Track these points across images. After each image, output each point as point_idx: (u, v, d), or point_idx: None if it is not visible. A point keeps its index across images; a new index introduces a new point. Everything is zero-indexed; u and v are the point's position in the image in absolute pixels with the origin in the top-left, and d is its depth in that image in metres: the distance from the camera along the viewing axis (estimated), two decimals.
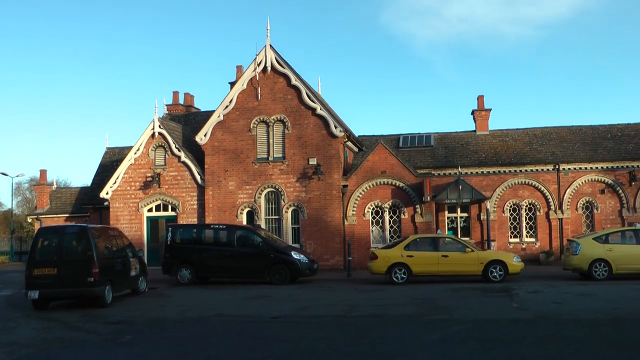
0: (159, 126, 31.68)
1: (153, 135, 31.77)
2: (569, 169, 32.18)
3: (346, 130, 31.44)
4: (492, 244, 30.84)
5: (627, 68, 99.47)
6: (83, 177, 79.91)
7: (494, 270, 22.50)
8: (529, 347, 10.76)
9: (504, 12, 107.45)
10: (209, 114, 33.19)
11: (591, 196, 32.19)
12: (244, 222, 30.44)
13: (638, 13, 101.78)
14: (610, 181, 31.99)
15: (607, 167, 32.07)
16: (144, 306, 18.14)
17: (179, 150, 31.46)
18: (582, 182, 32.16)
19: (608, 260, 22.47)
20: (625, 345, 10.88)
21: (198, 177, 31.35)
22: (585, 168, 32.16)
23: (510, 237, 32.47)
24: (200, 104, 43.49)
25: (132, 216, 31.83)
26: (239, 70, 36.72)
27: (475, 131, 35.87)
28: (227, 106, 31.13)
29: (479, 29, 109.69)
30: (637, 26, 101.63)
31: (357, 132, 37.37)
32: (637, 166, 31.88)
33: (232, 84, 34.21)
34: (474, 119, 36.12)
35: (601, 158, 32.28)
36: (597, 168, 32.10)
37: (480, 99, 36.04)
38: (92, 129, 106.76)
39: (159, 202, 31.88)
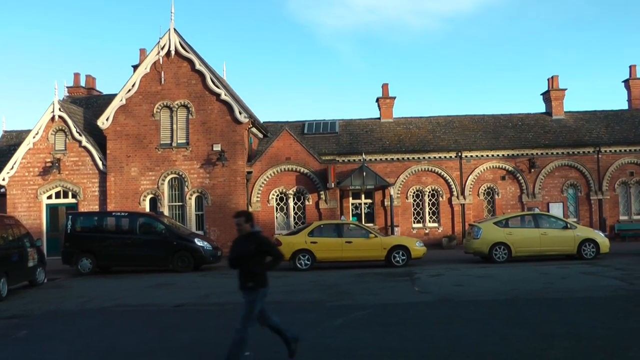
0: (59, 109, 30.60)
1: (53, 118, 30.65)
2: (471, 156, 32.87)
3: (251, 116, 31.24)
4: (396, 229, 31.21)
5: (526, 61, 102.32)
6: None
7: (397, 255, 22.81)
8: (430, 329, 10.89)
9: (409, 3, 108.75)
10: (111, 98, 32.21)
11: (492, 182, 33.00)
12: (147, 210, 29.85)
13: (535, 10, 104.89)
14: (510, 168, 32.88)
15: (507, 154, 32.95)
16: (42, 298, 17.50)
17: (80, 135, 30.51)
18: (484, 169, 32.93)
19: (508, 244, 23.23)
20: (521, 323, 11.17)
21: (100, 163, 30.51)
22: (487, 155, 32.93)
23: (414, 222, 32.98)
24: (103, 87, 42.60)
25: (31, 204, 30.73)
26: (143, 53, 35.96)
27: (379, 118, 36.25)
28: (129, 90, 30.41)
29: (385, 19, 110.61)
30: (535, 22, 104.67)
31: (262, 118, 37.26)
32: (537, 154, 32.93)
33: (135, 67, 33.44)
34: (378, 106, 36.48)
35: (502, 146, 33.13)
36: (498, 155, 32.93)
37: (384, 87, 36.41)
38: None
39: (59, 188, 30.83)
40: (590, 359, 8.53)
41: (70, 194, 30.74)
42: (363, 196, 32.85)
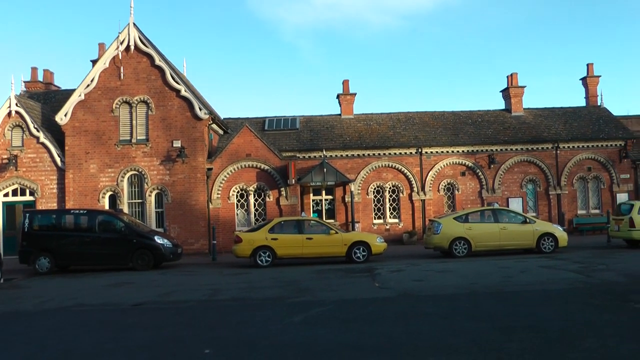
0: (16, 104, 30.09)
1: (9, 114, 30.13)
2: (431, 152, 33.09)
3: (211, 112, 31.08)
4: (357, 225, 31.29)
5: (485, 59, 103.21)
6: None
7: (358, 251, 22.95)
8: (390, 324, 10.89)
9: (369, 1, 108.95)
10: (70, 93, 31.79)
11: (452, 178, 33.28)
12: (106, 207, 29.60)
13: (494, 9, 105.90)
14: (470, 164, 33.17)
15: (467, 150, 33.23)
16: None
17: (38, 131, 30.09)
18: (444, 165, 33.18)
19: (468, 238, 23.61)
20: (480, 317, 11.21)
21: (58, 160, 30.14)
22: (447, 151, 33.17)
23: (375, 218, 33.11)
24: (61, 82, 41.89)
25: None
26: (102, 48, 35.48)
27: (340, 115, 36.34)
28: (88, 85, 30.09)
29: (345, 16, 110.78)
30: (494, 21, 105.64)
31: (223, 114, 37.14)
32: (496, 150, 33.29)
33: (94, 62, 33.04)
34: (339, 103, 36.57)
35: (462, 142, 33.40)
36: (458, 151, 33.21)
37: (345, 83, 36.48)
38: None
39: (16, 186, 30.33)
40: (547, 350, 8.60)
41: (27, 191, 30.31)
42: (324, 192, 32.90)
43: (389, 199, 33.42)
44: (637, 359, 8.17)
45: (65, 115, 30.00)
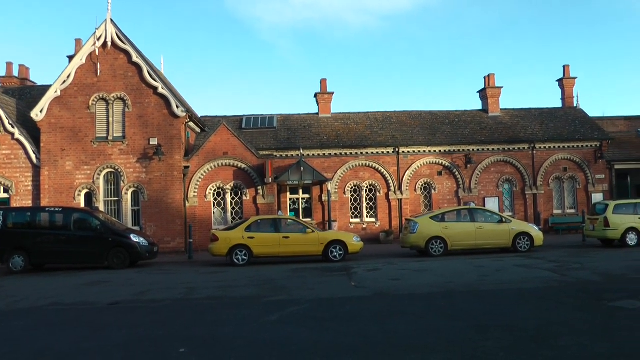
0: None
1: None
2: (409, 151, 33.19)
3: (188, 110, 30.98)
4: (334, 224, 31.34)
5: (463, 60, 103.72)
6: None
7: (334, 250, 22.97)
8: (366, 324, 10.88)
9: (348, 1, 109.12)
10: (46, 89, 31.50)
11: (429, 177, 33.40)
12: (82, 205, 29.37)
13: (472, 10, 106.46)
14: (447, 163, 33.32)
15: (444, 150, 33.37)
16: None
17: (13, 127, 29.77)
18: (421, 165, 33.29)
19: (444, 238, 23.74)
20: (456, 316, 11.24)
21: (33, 157, 29.85)
22: (424, 151, 33.30)
23: (352, 217, 33.16)
24: (37, 78, 41.66)
25: None
26: (79, 43, 35.29)
27: (318, 114, 36.36)
28: (64, 81, 29.84)
29: (323, 15, 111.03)
30: (472, 22, 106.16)
31: (200, 112, 37.10)
32: (473, 150, 33.45)
33: (71, 58, 32.85)
34: (317, 101, 36.57)
35: (439, 142, 33.54)
36: (435, 151, 33.34)
37: (323, 82, 36.50)
38: None
39: None
40: (523, 349, 8.64)
41: (2, 188, 29.98)
42: (301, 191, 32.91)
43: (366, 198, 33.48)
44: (611, 357, 8.23)
45: (41, 111, 29.73)
